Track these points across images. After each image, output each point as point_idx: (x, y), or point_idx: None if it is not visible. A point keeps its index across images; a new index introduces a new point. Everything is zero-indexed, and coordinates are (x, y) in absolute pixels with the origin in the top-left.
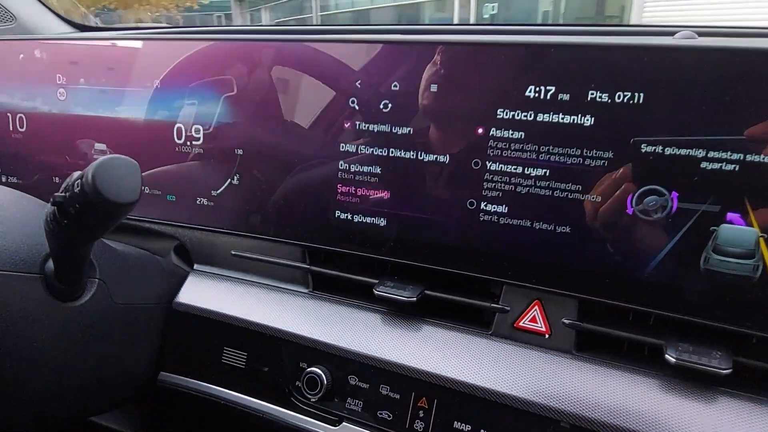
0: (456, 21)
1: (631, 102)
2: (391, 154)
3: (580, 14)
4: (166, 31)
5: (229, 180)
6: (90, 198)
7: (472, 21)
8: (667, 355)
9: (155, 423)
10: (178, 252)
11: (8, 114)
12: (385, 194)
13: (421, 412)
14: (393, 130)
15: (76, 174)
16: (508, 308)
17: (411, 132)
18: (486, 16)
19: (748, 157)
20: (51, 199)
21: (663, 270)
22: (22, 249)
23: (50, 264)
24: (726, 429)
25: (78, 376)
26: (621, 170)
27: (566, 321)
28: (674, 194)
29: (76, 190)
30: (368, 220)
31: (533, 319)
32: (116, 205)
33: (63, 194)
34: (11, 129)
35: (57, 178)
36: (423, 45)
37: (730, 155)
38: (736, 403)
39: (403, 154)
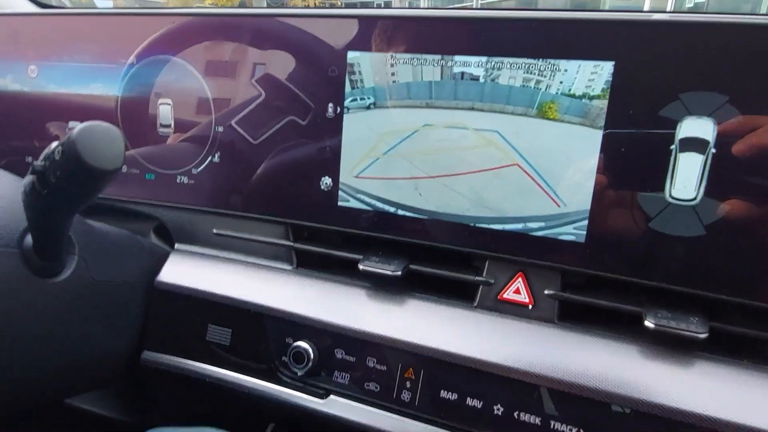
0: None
1: None
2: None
3: None
4: (136, 9)
5: (210, 157)
6: (72, 165)
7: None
8: (646, 322)
9: (139, 404)
10: (158, 233)
11: None
12: None
13: (408, 382)
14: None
15: (56, 142)
16: (492, 281)
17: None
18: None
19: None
20: (30, 168)
21: (639, 240)
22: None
23: (28, 239)
24: (704, 391)
25: (59, 354)
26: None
27: (549, 292)
28: None
29: (57, 157)
30: (353, 202)
31: (517, 291)
32: (99, 171)
33: (43, 162)
34: None
35: (30, 158)
36: (388, 19)
37: None
38: (713, 367)
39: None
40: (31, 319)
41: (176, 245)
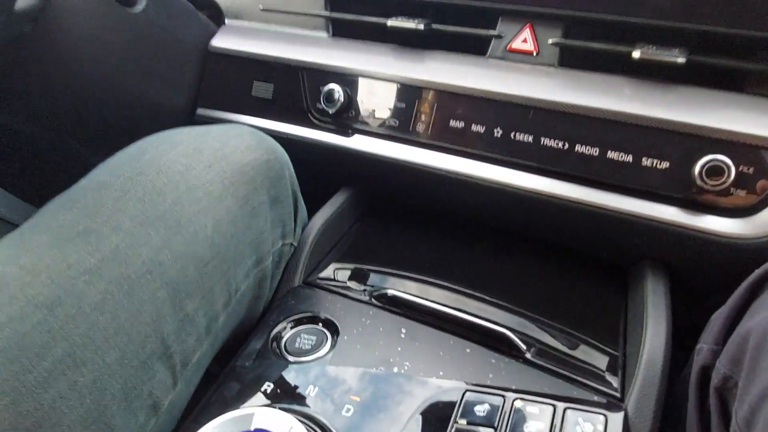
0: None
1: None
2: None
3: None
4: None
5: None
6: None
7: None
8: (633, 53)
9: None
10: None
11: None
12: None
13: (422, 115)
14: None
15: None
16: (502, 35)
17: None
18: None
19: None
20: None
21: None
22: None
23: None
24: (691, 109)
25: (132, 87)
26: None
27: (552, 40)
28: None
29: None
30: None
31: (524, 41)
32: None
33: None
34: None
35: None
36: None
37: None
38: (692, 91)
39: None
40: (110, 43)
41: (226, 21)
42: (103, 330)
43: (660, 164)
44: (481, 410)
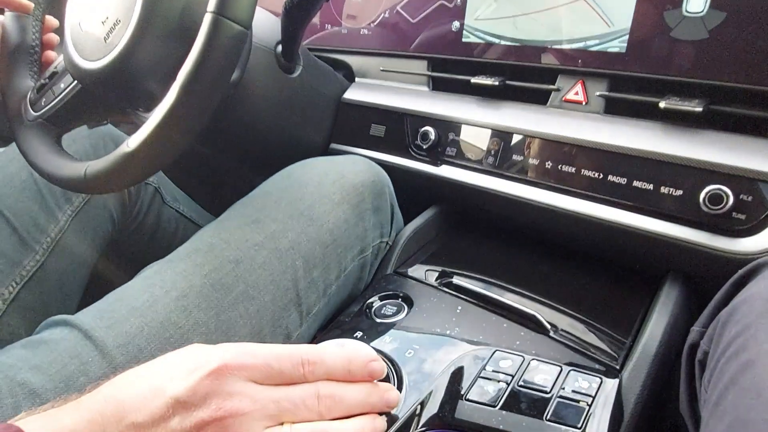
0: None
1: None
2: None
3: None
4: None
5: (382, 14)
6: None
7: None
8: (660, 104)
9: None
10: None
11: None
12: None
13: (492, 151)
14: None
15: None
16: (560, 88)
17: None
18: None
19: None
20: None
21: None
22: (266, 34)
23: (279, 48)
24: (702, 148)
25: (288, 131)
26: None
27: (598, 93)
28: None
29: None
30: (473, 38)
31: (576, 93)
32: None
33: None
34: None
35: None
36: None
37: None
38: (710, 135)
39: None
40: (277, 100)
41: (356, 79)
42: (264, 280)
43: (675, 192)
44: (503, 363)
